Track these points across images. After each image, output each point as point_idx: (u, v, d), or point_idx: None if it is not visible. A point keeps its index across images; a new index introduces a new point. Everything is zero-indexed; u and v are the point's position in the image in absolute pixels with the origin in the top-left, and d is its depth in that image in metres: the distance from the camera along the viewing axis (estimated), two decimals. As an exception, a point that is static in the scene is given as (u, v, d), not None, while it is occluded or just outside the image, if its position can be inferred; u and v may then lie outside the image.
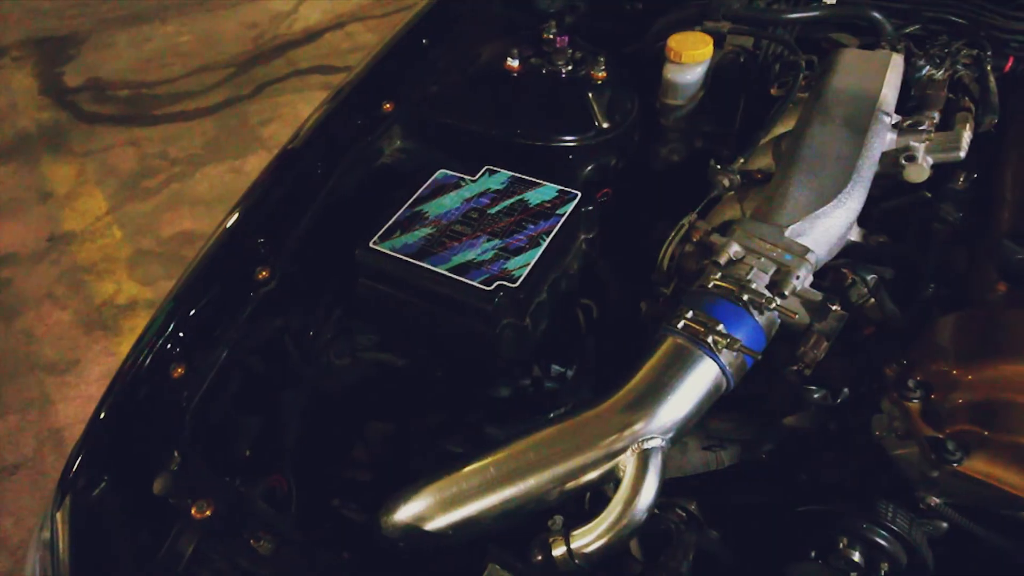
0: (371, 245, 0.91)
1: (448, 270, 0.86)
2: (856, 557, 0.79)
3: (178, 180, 2.83)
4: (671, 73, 1.14)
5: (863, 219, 0.93)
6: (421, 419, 1.01)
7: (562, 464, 0.73)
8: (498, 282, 0.84)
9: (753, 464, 0.94)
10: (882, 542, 0.78)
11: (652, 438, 0.73)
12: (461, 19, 1.27)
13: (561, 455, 0.73)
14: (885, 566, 0.79)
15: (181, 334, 0.87)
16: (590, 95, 1.10)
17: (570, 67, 1.15)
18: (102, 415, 0.81)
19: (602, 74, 1.13)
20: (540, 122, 1.09)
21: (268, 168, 1.01)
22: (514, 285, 0.84)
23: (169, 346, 0.86)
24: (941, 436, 0.67)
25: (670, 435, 0.74)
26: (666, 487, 0.95)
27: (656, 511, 1.00)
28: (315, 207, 1.01)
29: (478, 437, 0.95)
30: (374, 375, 1.05)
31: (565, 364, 1.00)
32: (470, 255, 0.88)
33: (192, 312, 0.88)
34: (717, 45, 1.21)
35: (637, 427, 0.73)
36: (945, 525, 0.78)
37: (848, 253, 0.88)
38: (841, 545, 0.80)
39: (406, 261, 0.88)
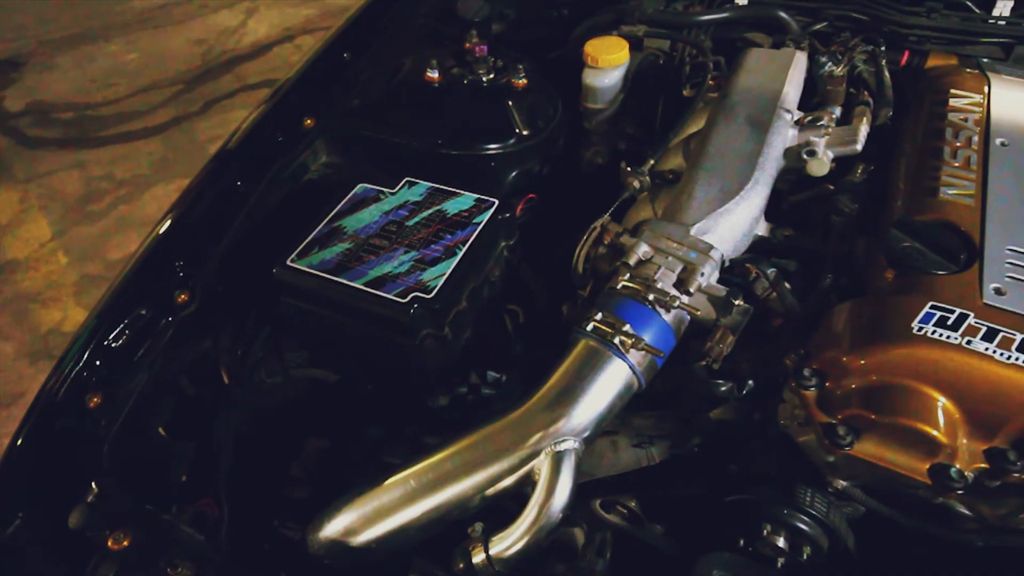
0: (288, 263, 0.91)
1: (364, 284, 0.86)
2: (781, 542, 0.81)
3: (125, 202, 2.78)
4: (589, 78, 1.16)
5: (772, 213, 0.96)
6: (358, 433, 1.01)
7: (480, 472, 0.74)
8: (413, 294, 0.84)
9: (686, 457, 0.96)
10: (803, 526, 0.80)
11: (565, 440, 0.74)
12: (384, 32, 1.27)
13: (478, 463, 0.74)
14: (808, 549, 0.82)
15: (97, 363, 0.86)
16: (510, 103, 1.12)
17: (492, 75, 1.16)
18: (14, 451, 0.80)
19: (523, 81, 1.15)
20: (461, 131, 1.10)
21: (186, 190, 1.01)
22: (429, 296, 0.84)
23: (85, 375, 0.85)
24: (834, 421, 0.69)
25: (585, 435, 0.76)
26: (606, 485, 0.98)
27: (601, 511, 1.02)
28: (237, 227, 1.01)
29: (417, 448, 0.96)
30: (307, 391, 1.05)
31: (501, 370, 1.01)
32: (387, 268, 0.88)
33: (108, 340, 0.87)
34: (635, 48, 1.23)
35: (550, 430, 0.74)
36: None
37: (756, 247, 0.91)
38: (765, 532, 0.82)
39: (323, 277, 0.88)
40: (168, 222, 0.96)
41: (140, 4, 4.20)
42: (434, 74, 1.14)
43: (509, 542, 0.71)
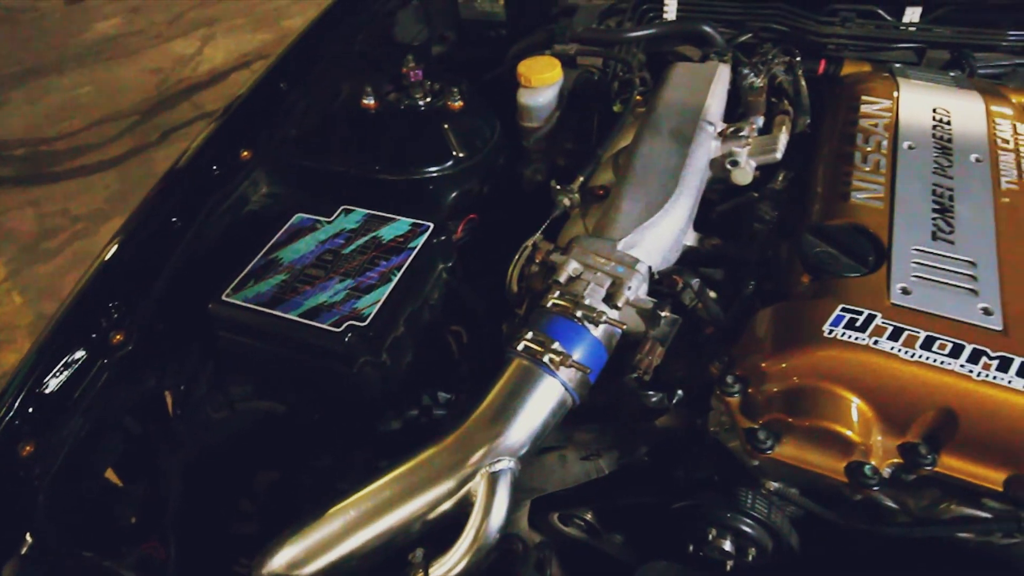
0: (223, 298, 0.91)
1: (299, 315, 0.86)
2: (727, 546, 0.83)
3: (81, 238, 2.73)
4: (524, 97, 1.18)
5: (702, 223, 0.98)
6: (309, 463, 1.01)
7: (418, 497, 0.74)
8: (348, 322, 0.85)
9: (636, 467, 0.97)
10: (746, 529, 0.82)
11: (500, 460, 0.75)
12: (321, 60, 1.28)
13: (416, 488, 0.75)
14: (752, 551, 0.83)
15: (29, 410, 0.85)
16: (447, 126, 1.13)
17: (429, 99, 1.18)
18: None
19: (459, 104, 1.16)
20: (399, 156, 1.11)
21: (119, 229, 1.00)
22: (363, 324, 0.85)
23: (17, 424, 0.84)
24: (756, 426, 0.71)
25: (521, 453, 0.77)
26: (563, 499, 0.98)
27: (560, 524, 1.03)
28: (175, 262, 1.00)
29: (371, 474, 0.96)
30: (255, 424, 1.04)
31: (451, 390, 1.02)
32: (322, 298, 0.88)
33: (40, 386, 0.86)
34: (570, 66, 1.26)
35: (485, 451, 0.75)
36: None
37: (686, 257, 0.93)
38: (711, 536, 0.83)
39: (257, 311, 0.88)
40: (100, 262, 0.95)
41: (93, 36, 4.16)
42: (370, 101, 1.15)
43: (449, 566, 0.71)
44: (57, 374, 0.88)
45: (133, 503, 0.97)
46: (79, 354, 0.89)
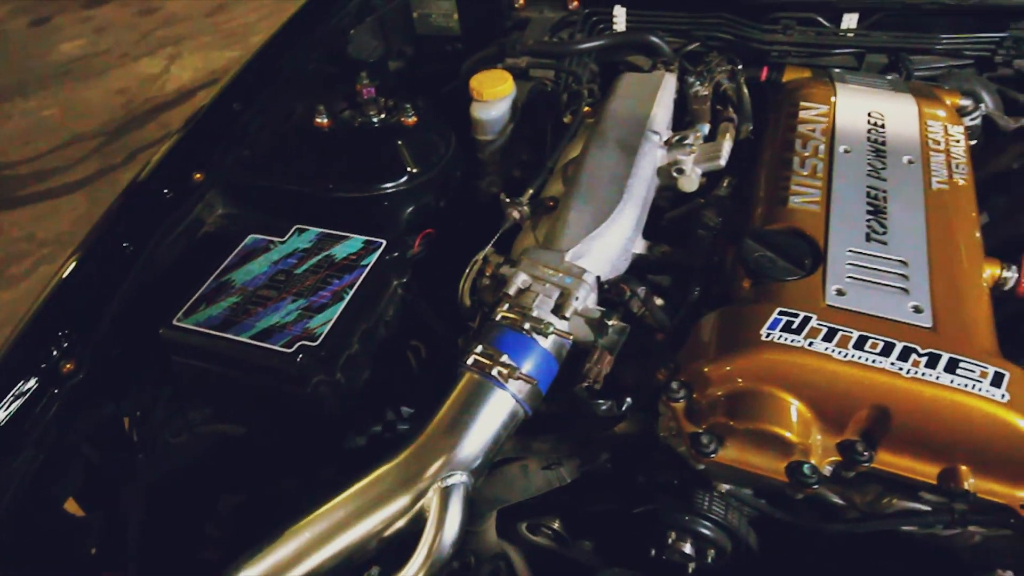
0: (175, 323, 0.90)
1: (251, 337, 0.86)
2: (687, 548, 0.84)
3: (48, 262, 2.69)
4: (477, 111, 1.19)
5: (652, 230, 1.00)
6: (274, 484, 1.00)
7: (373, 515, 0.74)
8: (299, 343, 0.85)
9: (599, 473, 0.98)
10: (704, 531, 0.83)
11: (452, 475, 0.75)
12: (275, 79, 1.28)
13: (370, 507, 0.75)
14: (712, 552, 0.85)
15: (-23, 443, 0.84)
16: (400, 142, 1.14)
17: (383, 116, 1.19)
18: None
19: (412, 119, 1.17)
20: (353, 174, 1.11)
21: (69, 256, 0.99)
22: (315, 344, 0.85)
23: (-36, 458, 0.83)
24: (700, 431, 0.72)
25: (474, 467, 0.77)
26: (531, 508, 0.99)
27: (528, 534, 1.03)
28: (126, 288, 1.00)
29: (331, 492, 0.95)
30: (216, 447, 1.03)
31: (415, 405, 1.02)
32: (274, 319, 0.88)
33: (-13, 420, 0.85)
34: (523, 78, 1.28)
35: (436, 466, 0.75)
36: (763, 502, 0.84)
37: (636, 265, 0.94)
38: (671, 539, 0.85)
39: (209, 334, 0.87)
40: (48, 291, 0.94)
41: (58, 57, 4.11)
42: (323, 119, 1.15)
43: (403, 583, 0.71)
44: (5, 406, 0.87)
45: (93, 533, 0.96)
46: (29, 385, 0.88)
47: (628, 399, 0.82)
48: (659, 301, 0.86)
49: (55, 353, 0.91)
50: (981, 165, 1.03)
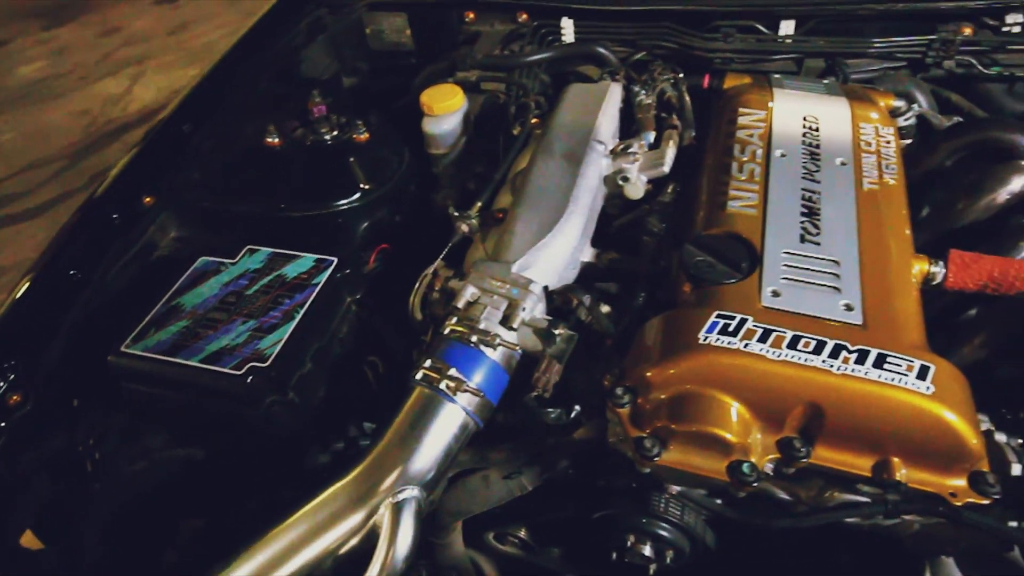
0: (123, 349, 0.89)
1: (200, 361, 0.86)
2: (647, 551, 0.85)
3: (7, 290, 2.63)
4: (428, 126, 1.20)
5: (601, 238, 1.02)
6: (235, 507, 1.00)
7: (326, 534, 0.74)
8: (249, 364, 0.85)
9: (561, 480, 0.99)
10: (662, 532, 0.85)
11: (403, 490, 0.75)
12: (226, 100, 1.28)
13: (323, 526, 0.75)
14: (670, 553, 0.86)
15: (-82, 481, 0.82)
16: (352, 159, 1.15)
17: (335, 133, 1.19)
18: None
19: (364, 136, 1.18)
20: (305, 192, 1.12)
21: (15, 286, 0.98)
22: (265, 364, 0.85)
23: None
24: (644, 435, 0.74)
25: (426, 481, 0.78)
26: (497, 518, 1.00)
27: (496, 543, 1.04)
28: (75, 316, 0.99)
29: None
30: (175, 472, 1.02)
31: (377, 420, 1.02)
32: (224, 341, 0.88)
33: (-67, 455, 0.84)
34: (475, 91, 1.29)
35: (388, 482, 0.76)
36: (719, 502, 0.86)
37: (584, 273, 0.96)
38: (630, 543, 0.86)
39: (158, 359, 0.87)
40: (-4, 323, 0.93)
41: (16, 81, 4.04)
42: (274, 139, 1.16)
43: (357, 601, 0.71)
44: (-50, 442, 0.85)
45: (52, 566, 0.94)
46: (-26, 418, 0.87)
47: (577, 407, 0.83)
48: (605, 308, 0.87)
49: (1, 385, 0.90)
50: (917, 163, 1.07)
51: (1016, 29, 1.09)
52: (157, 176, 1.14)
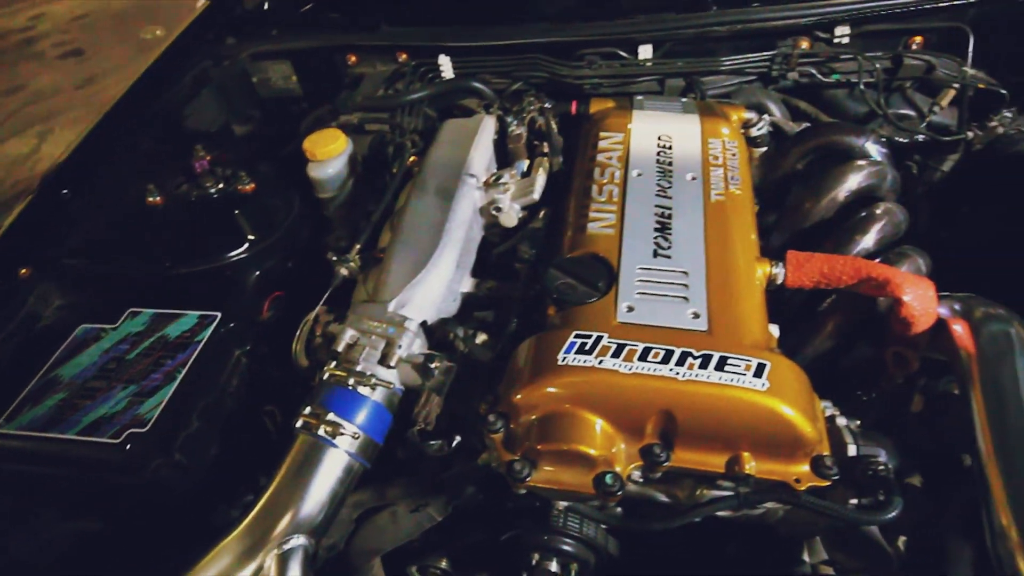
0: (-2, 429, 0.87)
1: (77, 433, 0.85)
2: (554, 567, 0.87)
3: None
4: (313, 171, 1.22)
5: (483, 267, 1.05)
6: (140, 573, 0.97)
7: (215, 592, 0.74)
8: (128, 431, 0.84)
9: (472, 506, 1.00)
10: (565, 547, 0.87)
11: (290, 539, 0.76)
12: (108, 161, 1.27)
13: (213, 582, 0.75)
14: (575, 566, 0.88)
15: None
16: (237, 211, 1.15)
17: (220, 186, 1.19)
18: None
19: (250, 186, 1.19)
20: (190, 249, 1.11)
21: None
22: (144, 429, 0.85)
23: None
24: (515, 458, 0.77)
25: (314, 527, 0.79)
26: (415, 552, 1.00)
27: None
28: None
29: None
30: (71, 549, 0.99)
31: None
32: (103, 410, 0.87)
33: None
34: (360, 132, 1.32)
35: (276, 533, 0.76)
36: (619, 510, 0.89)
37: (466, 304, 0.99)
38: (535, 560, 0.88)
39: (33, 436, 0.85)
40: None
41: (-88, 148, 3.85)
42: (155, 198, 1.15)
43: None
44: None
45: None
46: None
47: (458, 437, 0.85)
48: (483, 337, 0.90)
49: None
50: (774, 168, 1.15)
51: (846, 40, 1.19)
52: (34, 246, 1.12)
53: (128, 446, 0.83)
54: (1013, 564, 0.61)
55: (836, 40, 1.20)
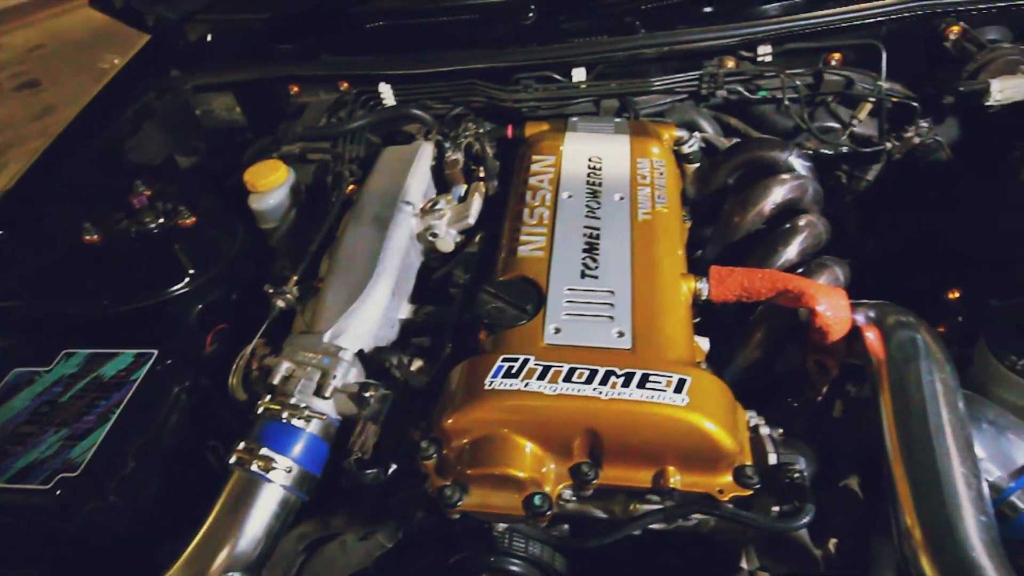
0: (-76, 481, 0.86)
1: (7, 481, 0.84)
2: None
3: None
4: (255, 203, 1.22)
5: (422, 293, 1.06)
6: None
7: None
8: (59, 476, 0.83)
9: (421, 530, 1.00)
10: (512, 567, 0.88)
11: (225, 576, 0.76)
12: (46, 199, 1.26)
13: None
14: None
15: None
16: (177, 245, 1.15)
17: (160, 220, 1.19)
18: None
19: (190, 220, 1.19)
20: (129, 286, 1.11)
21: None
22: (75, 474, 0.84)
23: None
24: (447, 484, 0.77)
25: (251, 563, 0.78)
26: None
27: None
28: None
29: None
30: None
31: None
32: (32, 456, 0.86)
33: None
34: (303, 162, 1.33)
35: (212, 570, 0.76)
36: (566, 527, 0.90)
37: (405, 330, 1.00)
38: None
39: (-40, 487, 0.84)
40: None
41: None
42: (92, 236, 1.15)
43: None
44: None
45: None
46: None
47: (393, 465, 0.86)
48: (418, 363, 0.91)
49: None
50: (707, 184, 1.19)
51: (768, 59, 1.24)
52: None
53: (58, 492, 0.82)
54: (918, 563, 0.63)
55: (759, 59, 1.24)
